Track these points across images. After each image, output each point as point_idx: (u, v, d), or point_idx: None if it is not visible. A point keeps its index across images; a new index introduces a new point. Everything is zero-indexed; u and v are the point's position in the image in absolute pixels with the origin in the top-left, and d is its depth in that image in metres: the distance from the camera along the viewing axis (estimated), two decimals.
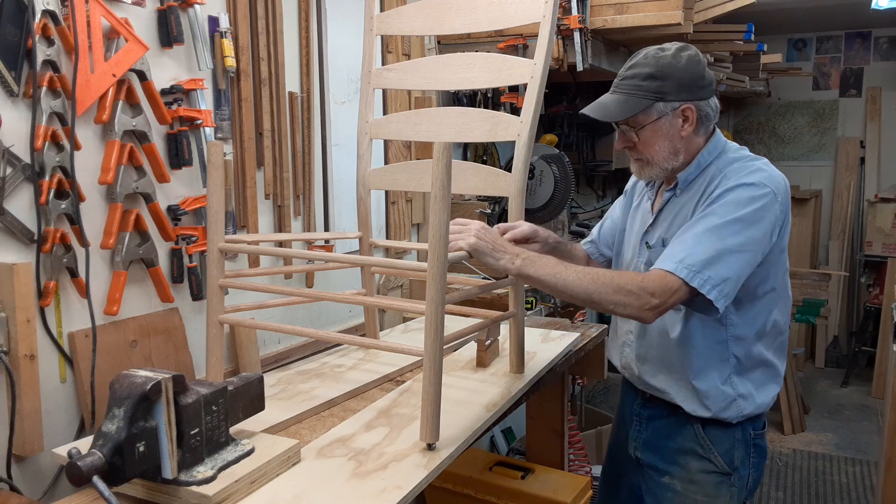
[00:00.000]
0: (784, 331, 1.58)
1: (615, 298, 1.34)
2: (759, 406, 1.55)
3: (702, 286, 1.35)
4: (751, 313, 1.50)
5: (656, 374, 1.59)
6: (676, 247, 1.41)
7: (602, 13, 2.56)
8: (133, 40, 1.47)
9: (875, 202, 5.06)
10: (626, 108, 1.47)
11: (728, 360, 1.52)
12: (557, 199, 2.92)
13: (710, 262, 1.35)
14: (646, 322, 1.41)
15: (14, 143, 1.32)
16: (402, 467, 1.21)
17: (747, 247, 1.38)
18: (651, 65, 1.46)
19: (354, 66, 2.15)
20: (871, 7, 3.98)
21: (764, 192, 1.40)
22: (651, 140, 1.49)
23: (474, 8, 1.60)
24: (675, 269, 1.36)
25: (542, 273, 1.36)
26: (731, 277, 1.37)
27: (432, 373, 1.22)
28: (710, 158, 1.52)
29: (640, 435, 1.68)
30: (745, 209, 1.39)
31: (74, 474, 0.97)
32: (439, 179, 1.18)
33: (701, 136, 1.52)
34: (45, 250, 1.36)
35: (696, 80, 1.47)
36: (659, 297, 1.35)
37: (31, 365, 1.32)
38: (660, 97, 1.45)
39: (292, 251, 1.92)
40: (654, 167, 1.52)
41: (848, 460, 3.85)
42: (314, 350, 1.94)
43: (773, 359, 1.56)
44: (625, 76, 1.50)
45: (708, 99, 1.49)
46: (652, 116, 1.47)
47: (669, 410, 1.59)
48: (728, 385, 1.52)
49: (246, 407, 1.25)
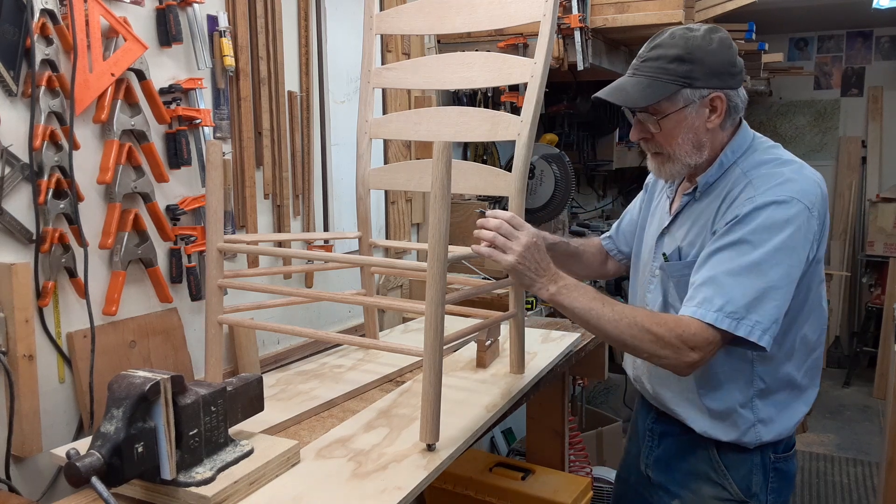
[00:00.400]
0: (816, 347, 1.41)
1: (652, 349, 1.24)
2: (779, 433, 1.40)
3: (750, 333, 1.22)
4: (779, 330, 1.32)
5: (667, 390, 1.48)
6: (711, 288, 1.25)
7: (603, 12, 2.56)
8: (132, 39, 1.46)
9: (877, 202, 5.05)
10: (648, 93, 1.30)
11: (753, 383, 1.37)
12: (558, 198, 2.91)
13: (754, 305, 1.22)
14: (683, 375, 1.29)
15: (12, 143, 1.31)
16: (402, 468, 1.20)
17: (792, 275, 1.25)
18: (679, 46, 1.29)
19: (354, 65, 2.14)
20: (873, 6, 3.98)
21: (799, 211, 1.25)
22: (674, 131, 1.32)
23: (474, 7, 1.60)
24: (716, 321, 1.22)
25: (577, 305, 1.26)
26: (779, 318, 1.24)
27: (432, 373, 1.21)
28: (733, 157, 1.36)
29: (651, 452, 1.57)
30: (782, 234, 1.24)
31: (73, 475, 0.97)
32: (439, 179, 1.17)
33: (726, 131, 1.36)
34: (43, 250, 1.36)
35: (727, 66, 1.31)
36: (699, 352, 1.23)
37: (30, 365, 1.32)
38: (688, 83, 1.29)
39: (291, 251, 1.91)
40: (674, 163, 1.36)
41: (849, 461, 3.84)
42: (313, 350, 1.94)
43: (803, 380, 1.40)
44: (647, 57, 1.33)
45: (737, 88, 1.34)
46: (677, 104, 1.30)
47: (682, 428, 1.46)
48: (748, 409, 1.38)
49: (245, 408, 1.24)
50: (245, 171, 1.79)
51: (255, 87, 1.81)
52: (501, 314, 1.58)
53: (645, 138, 1.38)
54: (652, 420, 1.57)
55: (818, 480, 3.63)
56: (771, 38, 4.97)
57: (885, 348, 4.59)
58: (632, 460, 1.66)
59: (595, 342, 2.10)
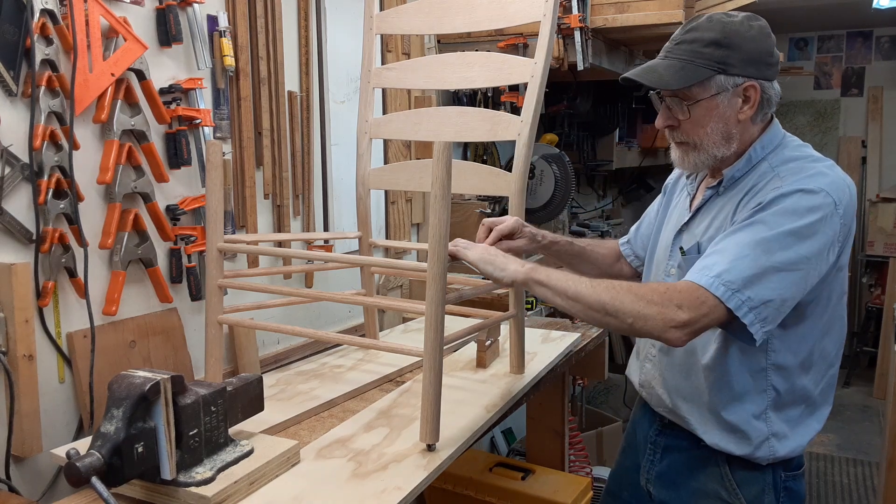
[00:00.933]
0: (834, 363, 1.35)
1: (632, 309, 1.15)
2: (792, 450, 1.33)
3: (739, 307, 1.15)
4: (795, 338, 1.28)
5: (680, 397, 1.39)
6: (714, 257, 1.20)
7: (603, 12, 2.56)
8: (132, 39, 1.46)
9: (877, 202, 5.05)
10: (681, 76, 1.24)
11: (766, 392, 1.30)
12: (558, 198, 2.91)
13: (751, 280, 1.16)
14: (672, 345, 1.19)
15: (13, 143, 1.31)
16: (402, 468, 1.20)
17: (798, 265, 1.17)
18: (717, 30, 1.24)
19: (354, 65, 2.14)
20: (873, 6, 3.97)
21: (825, 202, 1.19)
22: (703, 119, 1.27)
23: (474, 7, 1.60)
24: (711, 286, 1.16)
25: (553, 279, 1.21)
26: (773, 300, 1.17)
27: (432, 373, 1.21)
28: (763, 153, 1.30)
29: (653, 466, 1.47)
30: (801, 221, 1.18)
31: (73, 475, 0.97)
32: (439, 179, 1.17)
33: (757, 125, 1.31)
34: (43, 250, 1.36)
35: (765, 55, 1.25)
36: (688, 311, 1.15)
37: (30, 365, 1.32)
38: (722, 68, 1.23)
39: (291, 251, 1.91)
40: (700, 153, 1.30)
41: (849, 461, 3.84)
42: (313, 350, 1.94)
43: (819, 397, 1.34)
44: (681, 39, 1.27)
45: (772, 81, 1.28)
46: (710, 90, 1.25)
47: (691, 442, 1.38)
48: (762, 420, 1.31)
49: (245, 408, 1.24)
50: (245, 171, 1.79)
51: (255, 87, 1.81)
52: (501, 314, 1.58)
53: (671, 126, 1.32)
54: (655, 431, 1.48)
55: (818, 480, 3.62)
56: None
57: (884, 348, 4.58)
58: (625, 473, 1.58)
59: (595, 342, 2.10)
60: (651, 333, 1.18)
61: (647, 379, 1.48)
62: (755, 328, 1.17)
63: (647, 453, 1.50)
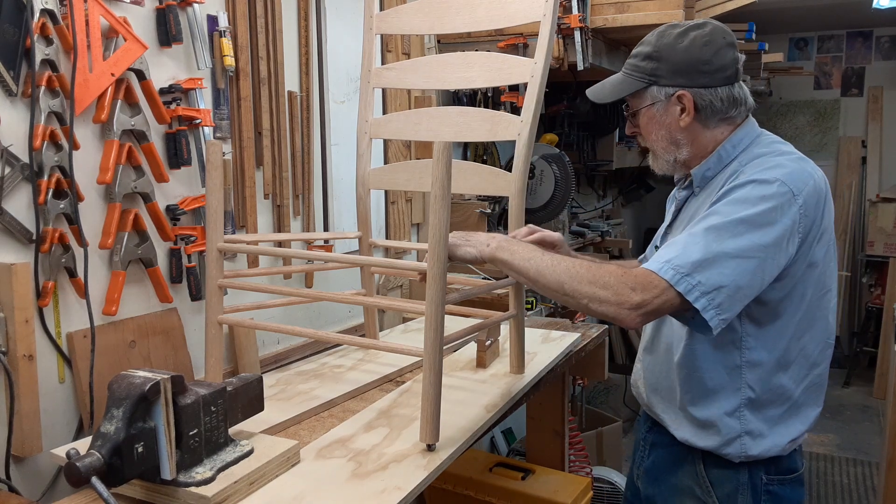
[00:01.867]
0: (819, 363, 1.34)
1: (589, 291, 1.17)
2: (771, 446, 1.31)
3: (689, 291, 1.15)
4: (770, 334, 1.28)
5: (655, 394, 1.44)
6: (668, 248, 1.22)
7: (603, 12, 2.56)
8: (132, 39, 1.46)
9: (877, 202, 5.05)
10: (617, 89, 1.36)
11: (740, 390, 1.30)
12: (558, 198, 2.91)
13: (701, 265, 1.16)
14: (629, 326, 1.21)
15: (13, 143, 1.31)
16: (402, 468, 1.20)
17: (750, 252, 1.17)
18: (652, 43, 1.33)
19: (354, 65, 2.14)
20: (873, 6, 3.98)
21: (779, 191, 1.19)
22: (648, 127, 1.36)
23: (474, 7, 1.60)
24: (660, 270, 1.17)
25: (517, 258, 1.22)
26: (726, 286, 1.15)
27: (432, 373, 1.21)
28: (734, 152, 1.32)
29: (642, 462, 1.52)
30: (753, 209, 1.19)
31: (73, 475, 0.97)
32: (439, 179, 1.17)
33: (717, 129, 1.33)
34: (43, 250, 1.36)
35: (696, 64, 1.29)
36: (640, 293, 1.15)
37: (30, 365, 1.32)
38: (654, 80, 1.32)
39: (291, 251, 1.91)
40: (658, 157, 1.39)
41: (849, 461, 3.84)
42: (313, 350, 1.94)
43: (801, 397, 1.32)
44: (633, 54, 1.37)
45: (716, 87, 1.30)
46: (645, 101, 1.34)
47: (672, 439, 1.41)
48: (735, 418, 1.31)
49: (245, 408, 1.24)
50: (245, 171, 1.79)
51: (255, 87, 1.81)
52: (501, 314, 1.58)
53: (636, 133, 1.41)
54: (646, 429, 1.53)
55: (818, 480, 3.63)
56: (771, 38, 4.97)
57: (884, 348, 4.59)
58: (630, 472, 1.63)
59: (595, 342, 2.10)
60: (606, 314, 1.18)
61: (635, 379, 1.55)
62: (709, 314, 1.16)
63: (639, 450, 1.55)
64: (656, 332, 1.46)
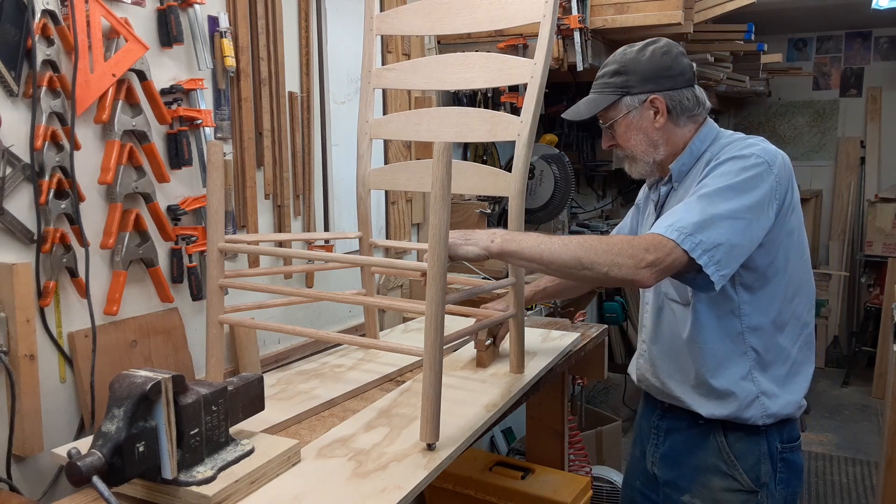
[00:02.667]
0: (808, 322, 1.50)
1: (607, 259, 1.25)
2: (786, 404, 1.45)
3: (693, 249, 1.27)
4: (763, 299, 1.43)
5: (670, 379, 1.54)
6: (666, 217, 1.35)
7: (602, 13, 2.56)
8: (133, 40, 1.47)
9: (875, 202, 5.06)
10: (593, 106, 1.50)
11: (747, 354, 1.45)
12: (557, 199, 2.92)
13: (700, 226, 1.29)
14: (644, 285, 1.29)
15: (14, 143, 1.32)
16: (403, 467, 1.21)
17: (739, 214, 1.32)
18: (617, 61, 1.49)
19: (354, 65, 2.15)
20: (872, 7, 3.98)
21: (757, 163, 1.36)
22: (626, 135, 1.50)
23: (474, 8, 1.60)
24: (666, 232, 1.29)
25: (525, 247, 1.27)
26: (723, 243, 1.29)
27: (432, 373, 1.22)
28: (703, 146, 1.49)
29: (657, 450, 1.60)
30: (737, 178, 1.34)
31: (74, 474, 0.97)
32: (439, 179, 1.18)
33: (686, 127, 1.50)
34: (44, 250, 1.36)
35: (660, 70, 1.46)
36: (654, 252, 1.27)
37: (31, 365, 1.32)
38: (625, 91, 1.47)
39: (292, 251, 1.92)
40: (638, 161, 1.52)
41: (848, 460, 3.85)
42: (314, 350, 1.94)
43: (799, 355, 1.48)
44: (599, 75, 1.53)
45: (681, 89, 1.47)
46: (621, 111, 1.49)
47: (689, 421, 1.52)
48: (749, 381, 1.44)
49: (246, 407, 1.25)
50: (246, 171, 1.79)
51: (256, 87, 1.82)
52: (501, 314, 1.58)
53: (613, 145, 1.54)
54: (658, 417, 1.61)
55: (817, 480, 3.63)
56: (770, 39, 4.98)
57: (883, 348, 4.59)
58: (636, 463, 1.69)
59: (595, 342, 2.10)
60: (625, 278, 1.27)
61: (642, 373, 1.64)
62: (711, 270, 1.28)
63: (651, 438, 1.62)
64: (657, 322, 1.59)
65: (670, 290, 1.52)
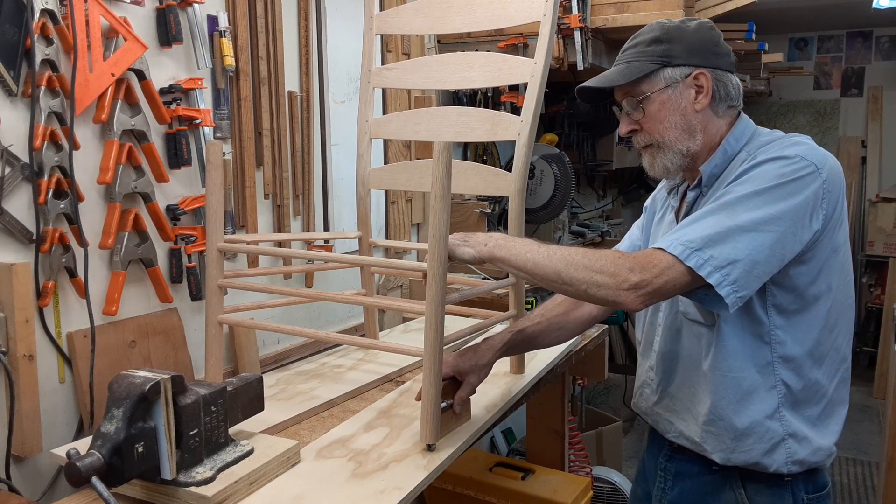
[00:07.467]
0: (848, 357, 1.27)
1: (586, 276, 1.11)
2: (815, 450, 1.23)
3: (701, 266, 1.09)
4: (801, 326, 1.20)
5: (680, 415, 1.32)
6: (677, 229, 1.17)
7: (603, 12, 2.56)
8: (132, 39, 1.46)
9: (877, 202, 5.05)
10: (627, 73, 1.24)
11: (776, 388, 1.22)
12: (558, 198, 2.91)
13: (713, 240, 1.10)
14: (630, 308, 1.13)
15: (13, 143, 1.31)
16: (402, 468, 1.20)
17: (766, 225, 1.10)
18: (656, 29, 1.26)
19: (354, 65, 2.14)
20: (873, 6, 3.98)
21: (801, 165, 1.13)
22: (659, 114, 1.24)
23: (474, 7, 1.60)
24: (669, 246, 1.12)
25: (513, 254, 1.16)
26: (741, 260, 1.09)
27: (432, 373, 1.21)
28: (738, 146, 1.26)
29: (665, 495, 1.38)
30: (770, 183, 1.12)
31: (73, 475, 0.97)
32: (439, 179, 1.17)
33: (722, 118, 1.26)
34: (43, 250, 1.36)
35: (709, 44, 1.24)
36: (639, 273, 1.09)
37: (30, 365, 1.32)
38: (667, 61, 1.22)
39: (292, 251, 1.92)
40: (666, 151, 1.26)
41: (849, 461, 3.84)
42: (314, 350, 1.94)
43: (835, 393, 1.25)
44: (626, 48, 1.29)
45: (727, 71, 1.25)
46: (658, 84, 1.23)
47: (702, 467, 1.30)
48: (776, 420, 1.22)
49: (245, 407, 1.24)
50: (245, 171, 1.79)
51: (256, 87, 1.81)
52: (501, 314, 1.58)
53: (633, 130, 1.29)
54: (665, 457, 1.39)
55: None
56: (771, 38, 4.97)
57: (884, 348, 4.59)
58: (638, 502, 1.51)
59: (595, 342, 2.10)
60: (606, 299, 1.12)
61: (647, 405, 1.42)
62: (725, 290, 1.10)
63: (657, 480, 1.41)
64: (672, 345, 1.35)
65: (689, 308, 1.29)
